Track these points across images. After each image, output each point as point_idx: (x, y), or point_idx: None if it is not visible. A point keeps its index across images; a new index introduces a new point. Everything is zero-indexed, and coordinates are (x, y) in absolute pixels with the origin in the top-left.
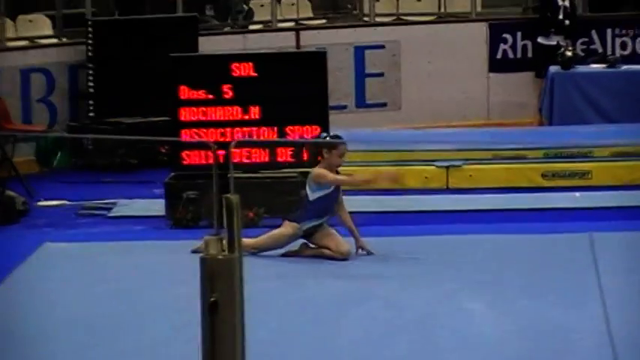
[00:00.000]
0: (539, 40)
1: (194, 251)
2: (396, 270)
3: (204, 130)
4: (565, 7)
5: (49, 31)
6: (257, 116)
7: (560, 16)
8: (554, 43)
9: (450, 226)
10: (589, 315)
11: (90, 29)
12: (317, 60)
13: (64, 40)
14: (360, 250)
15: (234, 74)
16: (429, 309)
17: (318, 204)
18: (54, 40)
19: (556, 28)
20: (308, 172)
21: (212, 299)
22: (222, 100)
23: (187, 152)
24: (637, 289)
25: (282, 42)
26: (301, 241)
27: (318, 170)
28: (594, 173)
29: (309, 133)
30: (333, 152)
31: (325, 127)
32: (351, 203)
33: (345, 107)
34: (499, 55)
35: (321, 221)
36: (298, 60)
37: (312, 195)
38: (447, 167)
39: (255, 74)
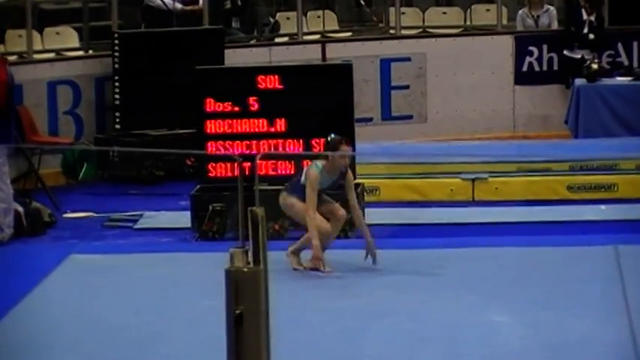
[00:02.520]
0: (565, 52)
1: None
2: (421, 283)
3: (230, 143)
4: (590, 21)
5: (76, 44)
6: (283, 129)
7: (585, 30)
8: (579, 56)
9: (475, 239)
10: (614, 328)
11: (116, 42)
12: (343, 72)
13: (91, 52)
14: (368, 257)
15: (260, 87)
16: (455, 322)
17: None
18: (80, 53)
19: (580, 42)
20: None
21: (237, 311)
22: (248, 113)
23: (213, 165)
24: None
25: (308, 54)
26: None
27: (312, 172)
28: (620, 186)
29: None
30: (337, 155)
31: (351, 140)
32: (377, 215)
33: (370, 120)
34: (525, 68)
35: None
36: (324, 72)
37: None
38: (473, 180)
39: (281, 87)
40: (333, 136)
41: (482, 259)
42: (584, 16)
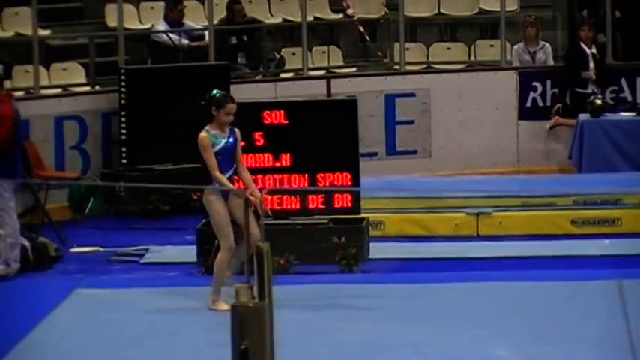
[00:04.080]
0: (577, 89)
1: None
2: (425, 316)
3: (236, 177)
4: (593, 54)
5: (83, 79)
6: (288, 163)
7: (591, 65)
8: (590, 91)
9: (480, 273)
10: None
11: (123, 77)
12: (348, 108)
13: (97, 87)
14: (252, 198)
15: (265, 122)
16: (459, 355)
17: (219, 157)
18: (87, 88)
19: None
20: (340, 219)
21: (242, 347)
22: (253, 148)
23: None
24: None
25: (313, 90)
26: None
27: (200, 135)
28: (623, 220)
29: (339, 180)
30: (221, 111)
31: (356, 175)
32: (381, 250)
33: (375, 154)
34: (529, 103)
35: (231, 172)
36: (329, 108)
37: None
38: (477, 214)
39: (287, 122)
40: (216, 91)
41: (486, 293)
42: (586, 50)
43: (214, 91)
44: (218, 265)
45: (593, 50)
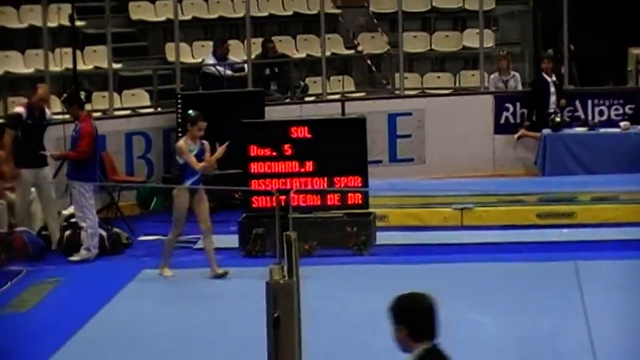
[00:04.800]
0: (540, 110)
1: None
2: (421, 290)
3: (269, 180)
4: (554, 82)
5: (147, 103)
6: (311, 169)
7: (552, 89)
8: (552, 110)
9: (464, 256)
10: (575, 325)
11: (179, 101)
12: (358, 125)
13: (159, 109)
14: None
15: (292, 136)
16: (447, 321)
17: (188, 165)
18: (151, 110)
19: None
20: (352, 213)
21: (275, 315)
22: (283, 157)
23: (256, 198)
24: (612, 305)
25: (331, 110)
26: None
27: (179, 143)
28: (578, 214)
29: (352, 182)
30: (194, 127)
31: (365, 178)
32: (386, 238)
33: (380, 162)
34: (502, 121)
35: (199, 176)
36: (344, 125)
37: (181, 160)
38: (462, 209)
39: (310, 136)
40: (192, 111)
41: (469, 272)
42: (547, 78)
43: (190, 112)
44: (166, 244)
45: (554, 78)
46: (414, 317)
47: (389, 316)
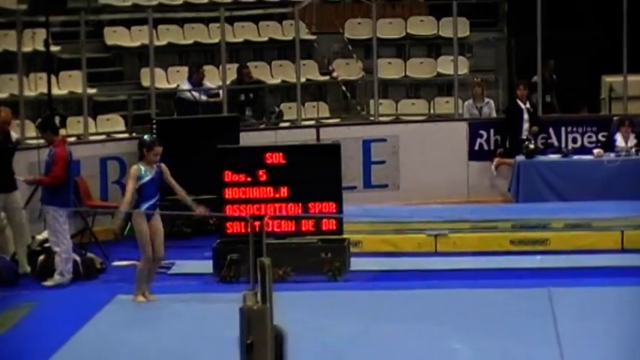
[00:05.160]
0: (513, 136)
1: None
2: (395, 316)
3: (244, 206)
4: (528, 108)
5: (122, 128)
6: (285, 195)
7: (526, 116)
8: (524, 137)
9: (438, 282)
10: (548, 353)
11: (154, 126)
12: (333, 150)
13: (134, 134)
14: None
15: (267, 162)
16: (422, 347)
17: (143, 189)
18: (126, 135)
19: (523, 126)
20: (326, 239)
21: (249, 341)
22: (258, 182)
23: (230, 223)
24: (585, 332)
25: (305, 136)
26: None
27: (133, 167)
28: (552, 240)
29: (326, 208)
30: (150, 152)
31: (340, 204)
32: (360, 264)
33: (355, 187)
34: (477, 147)
35: (154, 200)
36: (318, 150)
37: (136, 184)
38: (436, 235)
39: (284, 162)
40: (147, 136)
41: (443, 298)
42: (521, 105)
43: (146, 137)
44: (138, 272)
45: (527, 105)
46: None
47: None
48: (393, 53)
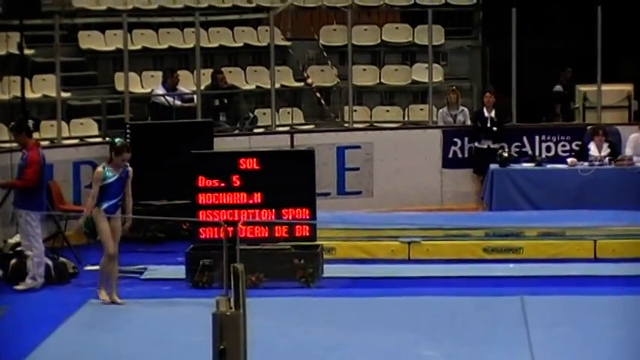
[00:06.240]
0: (475, 144)
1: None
2: (367, 323)
3: (217, 212)
4: (491, 117)
5: (96, 132)
6: (259, 201)
7: (489, 124)
8: (485, 146)
9: (411, 289)
10: (519, 359)
11: (128, 131)
12: (307, 157)
13: (107, 139)
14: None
15: (241, 167)
16: (394, 354)
17: (106, 189)
18: (99, 139)
19: (485, 135)
20: (300, 245)
21: (221, 347)
22: (231, 188)
23: (204, 229)
24: (557, 340)
25: (279, 142)
26: None
27: (97, 169)
28: (525, 249)
29: (300, 214)
30: (118, 157)
31: (313, 210)
32: (333, 270)
33: (328, 194)
34: (450, 155)
35: (115, 200)
36: (292, 157)
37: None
38: (409, 242)
39: (258, 167)
40: (118, 140)
41: (415, 305)
42: (486, 114)
43: (117, 140)
44: (101, 268)
45: (492, 114)
46: None
47: None
48: (367, 60)
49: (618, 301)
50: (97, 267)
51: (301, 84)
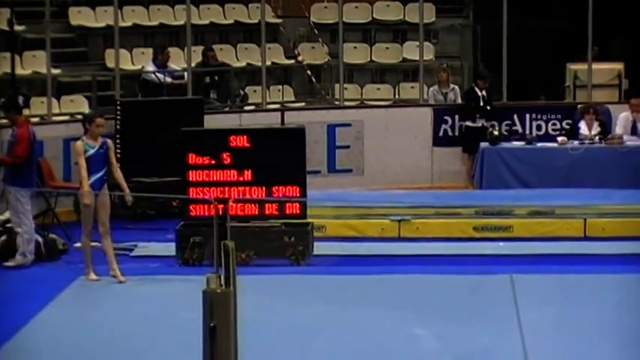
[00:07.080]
0: (468, 123)
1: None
2: (358, 302)
3: (208, 189)
4: (483, 96)
5: (86, 109)
6: (249, 178)
7: (482, 103)
8: (479, 125)
9: (401, 267)
10: (509, 340)
11: (118, 108)
12: (297, 134)
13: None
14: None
15: (231, 145)
16: (384, 333)
17: (88, 163)
18: None
19: (480, 113)
20: (290, 223)
21: (212, 324)
22: (222, 165)
23: (194, 206)
24: (546, 319)
25: (270, 120)
26: None
27: (76, 143)
28: (515, 227)
29: (290, 192)
30: (92, 125)
31: (304, 188)
32: (323, 248)
33: (319, 172)
34: (441, 134)
35: (101, 174)
36: (283, 134)
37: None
38: (399, 221)
39: (249, 145)
40: (89, 110)
41: (406, 283)
42: (479, 93)
43: (87, 111)
44: (83, 247)
45: (484, 93)
46: None
47: None
48: (358, 38)
49: (608, 279)
50: None
51: (292, 61)
